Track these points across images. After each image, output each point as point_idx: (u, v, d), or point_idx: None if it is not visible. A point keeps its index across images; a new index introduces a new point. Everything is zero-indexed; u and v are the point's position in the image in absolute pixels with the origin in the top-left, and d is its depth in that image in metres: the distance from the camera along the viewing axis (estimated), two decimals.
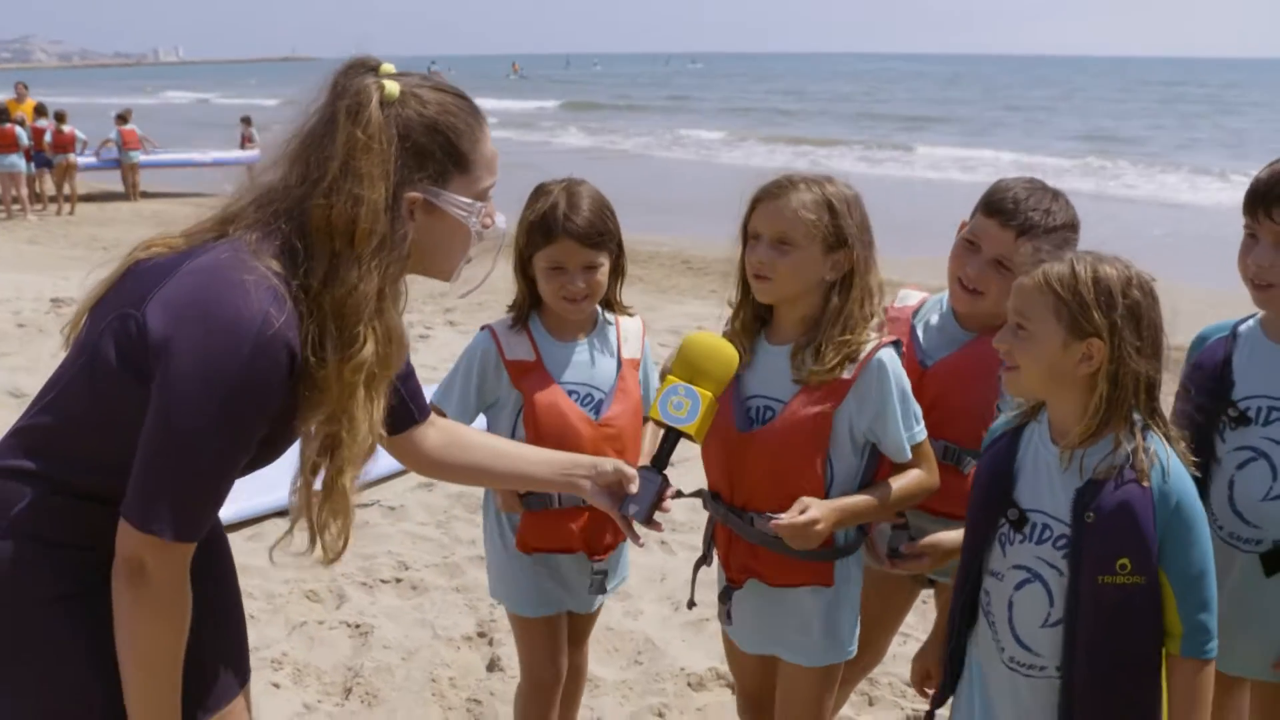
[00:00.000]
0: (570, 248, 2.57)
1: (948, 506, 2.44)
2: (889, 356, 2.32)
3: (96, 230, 15.40)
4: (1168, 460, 1.96)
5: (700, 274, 11.70)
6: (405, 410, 2.05)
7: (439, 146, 1.73)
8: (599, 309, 2.76)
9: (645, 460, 2.71)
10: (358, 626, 3.98)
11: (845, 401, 2.29)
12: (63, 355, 1.74)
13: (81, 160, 17.64)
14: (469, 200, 1.78)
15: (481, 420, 2.76)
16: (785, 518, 2.23)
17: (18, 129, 16.21)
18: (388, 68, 1.76)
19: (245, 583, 4.22)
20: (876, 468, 2.39)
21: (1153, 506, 1.93)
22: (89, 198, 18.23)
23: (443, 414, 2.71)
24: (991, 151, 25.12)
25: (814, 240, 2.26)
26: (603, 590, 2.78)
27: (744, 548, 2.40)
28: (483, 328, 2.75)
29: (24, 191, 16.63)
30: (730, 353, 2.21)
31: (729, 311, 2.48)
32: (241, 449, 1.63)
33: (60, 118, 17.26)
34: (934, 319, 2.65)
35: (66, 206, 17.14)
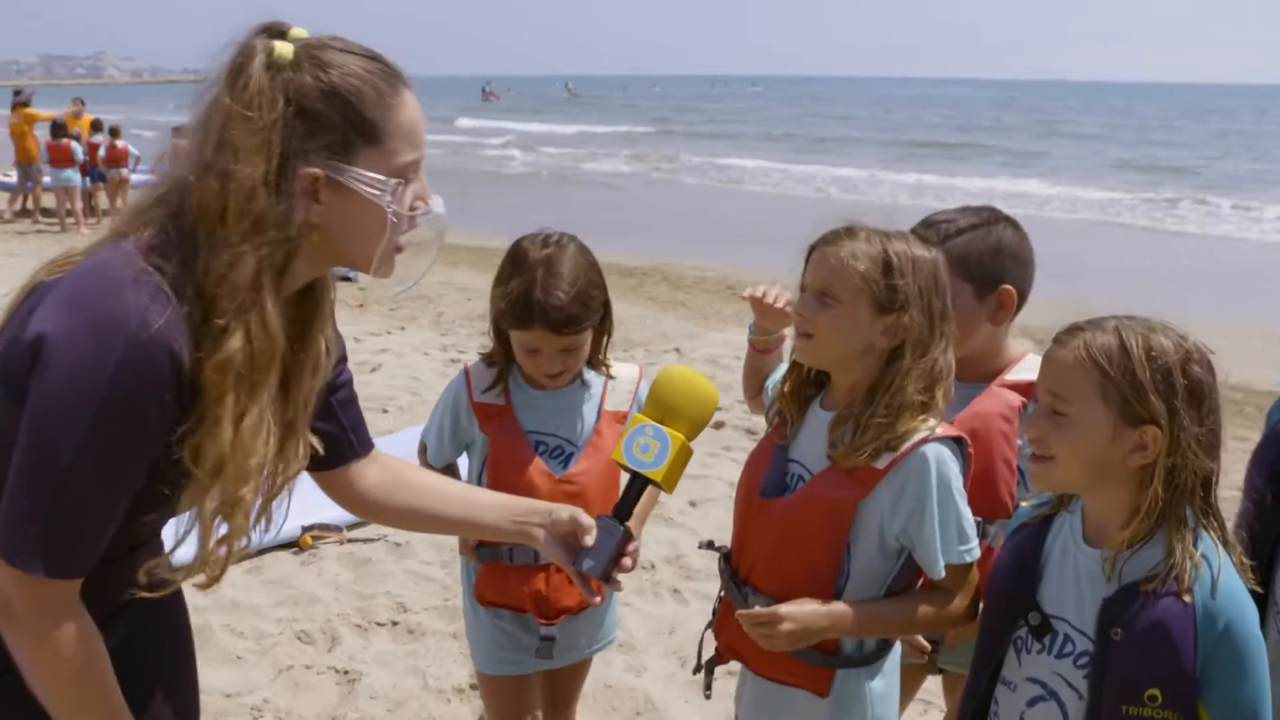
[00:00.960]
0: (545, 336, 2.37)
1: None
2: (937, 453, 1.95)
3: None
4: (1218, 570, 1.64)
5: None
6: (343, 441, 1.85)
7: (339, 113, 1.48)
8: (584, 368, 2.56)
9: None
10: (346, 673, 3.80)
11: (876, 493, 1.95)
12: None
13: (135, 176, 17.83)
14: (380, 176, 1.52)
15: (464, 461, 2.63)
16: (749, 615, 1.97)
17: (73, 144, 16.42)
18: (298, 32, 1.53)
19: (237, 620, 4.14)
20: (913, 577, 2.06)
21: (1194, 627, 1.61)
22: None
23: (425, 448, 2.61)
24: (1036, 181, 24.38)
25: (860, 296, 1.95)
26: (549, 657, 2.56)
27: (735, 626, 2.09)
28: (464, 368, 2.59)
29: (79, 205, 16.81)
30: (708, 392, 1.95)
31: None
32: (121, 469, 1.41)
33: (115, 133, 17.42)
34: None
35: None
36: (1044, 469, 1.75)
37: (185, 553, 1.55)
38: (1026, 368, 2.32)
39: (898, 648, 2.17)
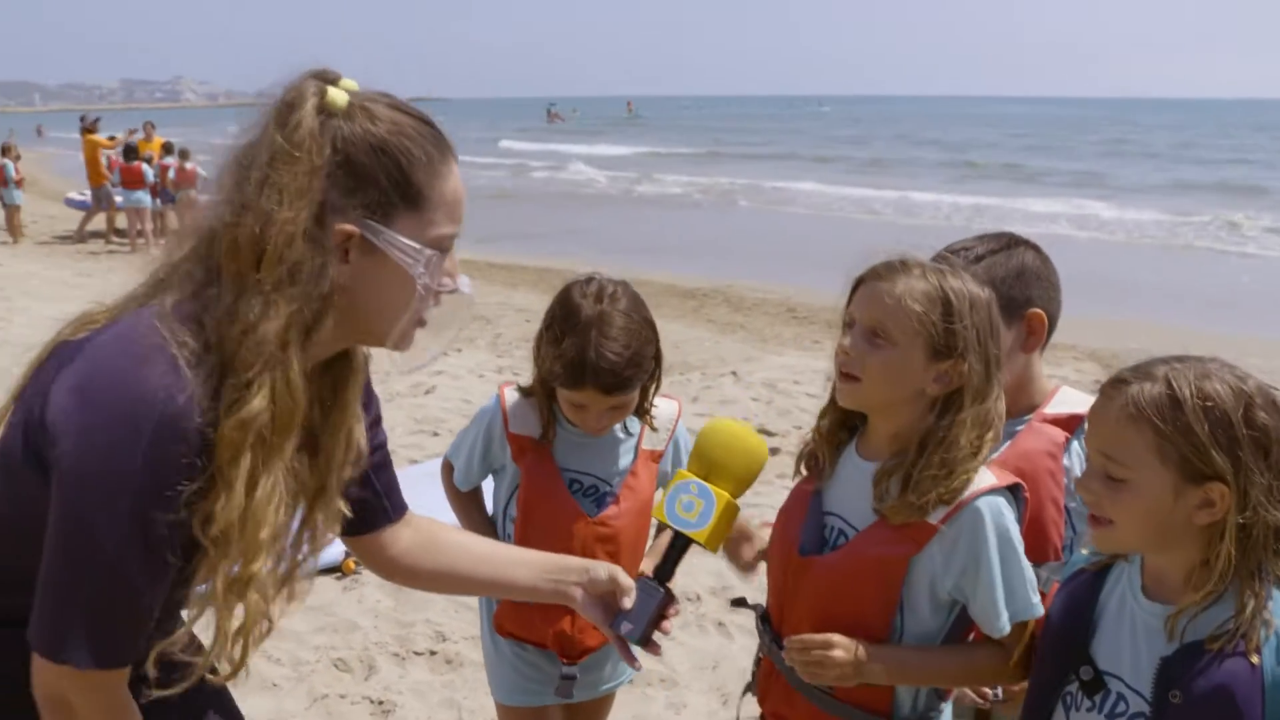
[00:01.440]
0: (595, 396, 2.28)
1: None
2: (992, 506, 1.81)
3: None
4: None
5: (805, 323, 11.29)
6: (377, 507, 1.77)
7: (384, 172, 1.40)
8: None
9: (648, 567, 2.42)
10: (380, 703, 3.73)
11: (928, 550, 1.82)
12: None
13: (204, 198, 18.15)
14: (417, 245, 1.43)
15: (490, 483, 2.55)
16: (800, 640, 1.83)
17: (144, 166, 16.78)
18: (348, 83, 1.46)
19: (275, 646, 4.09)
20: (965, 631, 1.92)
21: (1262, 692, 1.47)
22: None
23: (451, 468, 2.55)
24: (1102, 204, 23.41)
25: (916, 339, 1.80)
26: (569, 696, 2.47)
27: (781, 687, 1.98)
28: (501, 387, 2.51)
29: (149, 226, 17.17)
30: (758, 448, 1.84)
31: (827, 363, 2.00)
32: (162, 551, 1.33)
33: (184, 155, 17.78)
34: None
35: None
36: (1103, 534, 1.61)
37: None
38: (1064, 401, 2.19)
39: (949, 711, 2.03)
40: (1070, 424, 2.13)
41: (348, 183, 1.39)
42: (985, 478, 1.83)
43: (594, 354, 2.24)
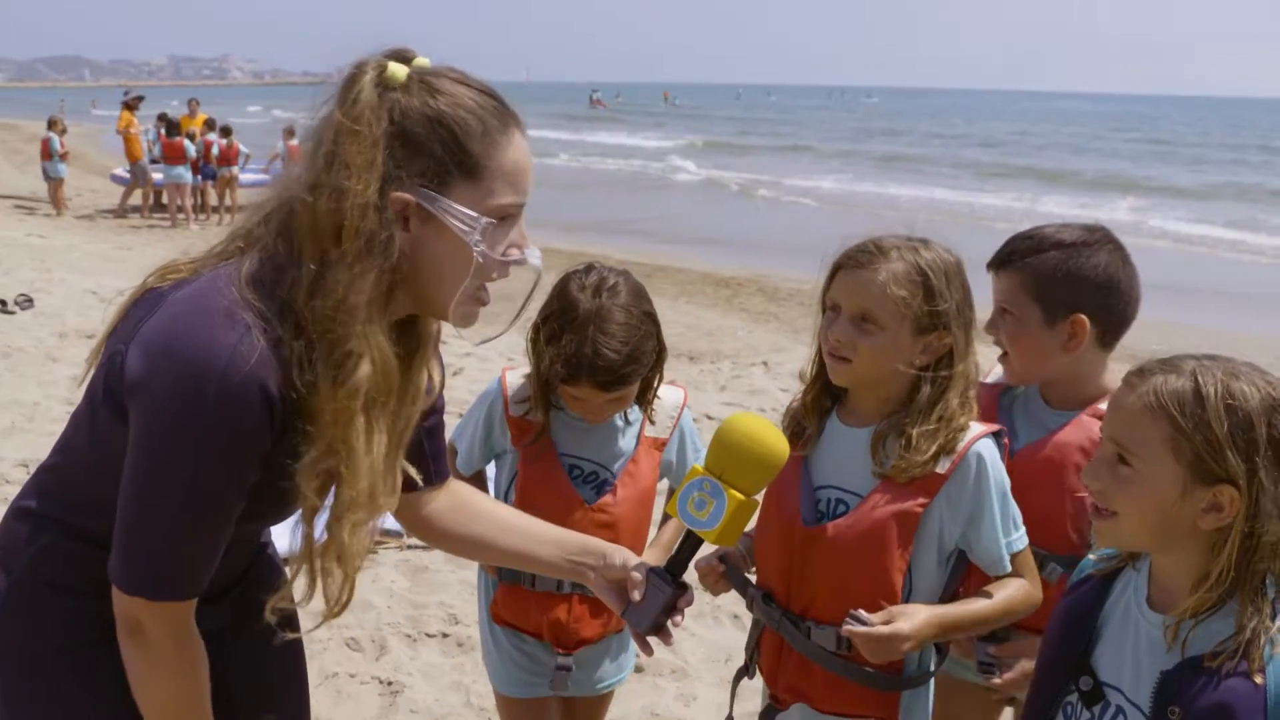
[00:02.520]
0: (593, 391, 2.24)
1: (1033, 619, 2.03)
2: (988, 450, 1.94)
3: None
4: None
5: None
6: (424, 468, 1.80)
7: (439, 142, 1.44)
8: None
9: (655, 552, 2.38)
10: (390, 684, 3.71)
11: (936, 500, 1.91)
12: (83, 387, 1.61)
13: (246, 176, 18.29)
14: (472, 213, 1.46)
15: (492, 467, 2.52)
16: (866, 626, 1.83)
17: (186, 142, 16.93)
18: (422, 61, 1.50)
19: None
20: (961, 580, 2.02)
21: (1264, 713, 1.41)
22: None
23: (454, 451, 2.51)
24: (1125, 211, 22.43)
25: (903, 321, 1.90)
26: (564, 688, 2.42)
27: (795, 663, 2.00)
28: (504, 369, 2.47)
29: (189, 202, 17.34)
30: (778, 446, 1.76)
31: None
32: (223, 499, 1.45)
33: (226, 132, 17.93)
34: (1019, 396, 2.29)
35: (227, 217, 17.77)
36: (1106, 525, 1.57)
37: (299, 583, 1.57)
38: None
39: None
40: None
41: (402, 152, 1.43)
42: (974, 426, 1.96)
43: (591, 351, 2.19)
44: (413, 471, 1.72)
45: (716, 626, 4.24)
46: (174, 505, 1.42)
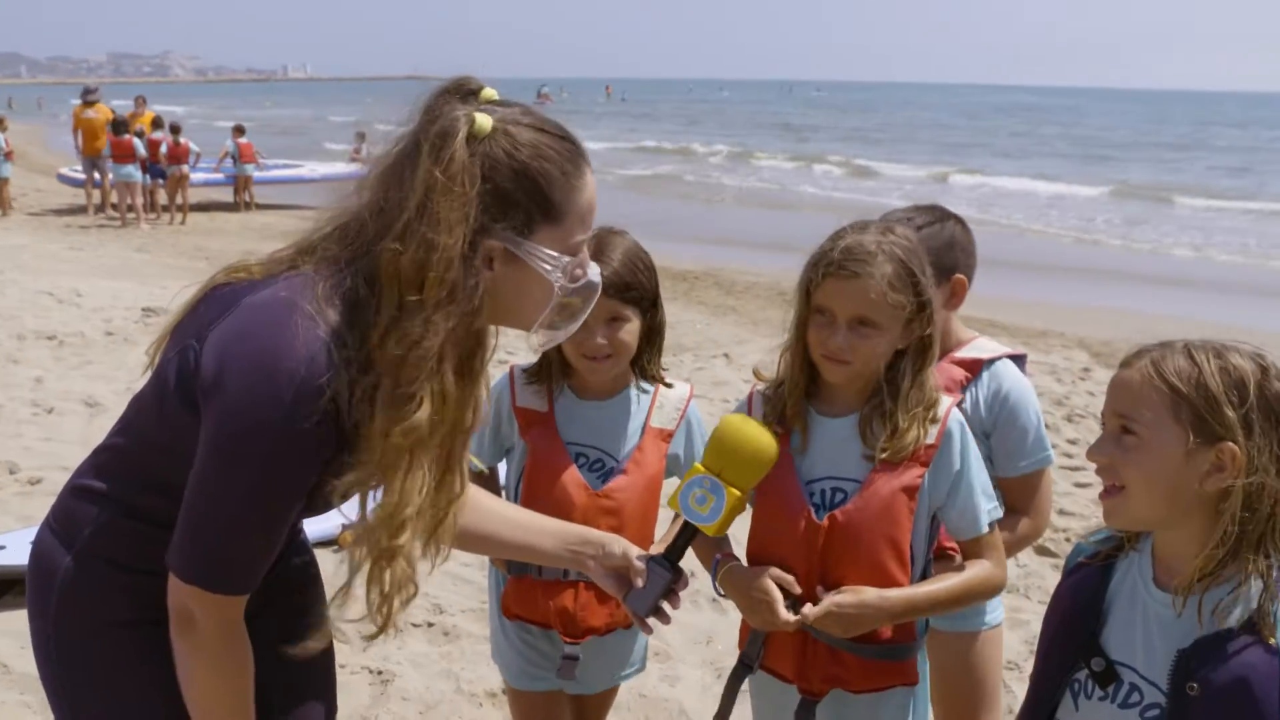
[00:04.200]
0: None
1: None
2: (960, 418, 2.11)
3: (204, 240, 15.72)
4: None
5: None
6: None
7: (526, 194, 1.56)
8: (633, 375, 2.48)
9: (661, 547, 2.46)
10: (380, 673, 3.78)
11: (928, 468, 2.05)
12: (148, 373, 1.68)
13: (197, 174, 18.08)
14: (555, 254, 1.60)
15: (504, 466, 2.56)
16: (825, 603, 1.97)
17: (135, 140, 16.71)
18: (489, 93, 1.61)
19: None
20: (934, 546, 2.15)
21: None
22: (201, 208, 18.67)
23: None
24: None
25: (896, 320, 2.02)
26: (570, 678, 2.45)
27: (825, 654, 2.07)
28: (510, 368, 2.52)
29: (139, 201, 17.12)
30: (769, 447, 1.95)
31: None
32: (287, 500, 1.56)
33: (175, 130, 17.72)
34: None
35: (179, 216, 17.58)
36: (1115, 503, 1.64)
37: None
38: (977, 347, 2.52)
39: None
40: (974, 367, 2.47)
41: (495, 207, 1.54)
42: (943, 396, 2.11)
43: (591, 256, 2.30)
44: (483, 465, 1.84)
45: (695, 610, 4.34)
46: (239, 502, 1.50)
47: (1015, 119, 65.30)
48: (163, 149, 17.32)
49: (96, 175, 17.76)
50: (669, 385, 2.52)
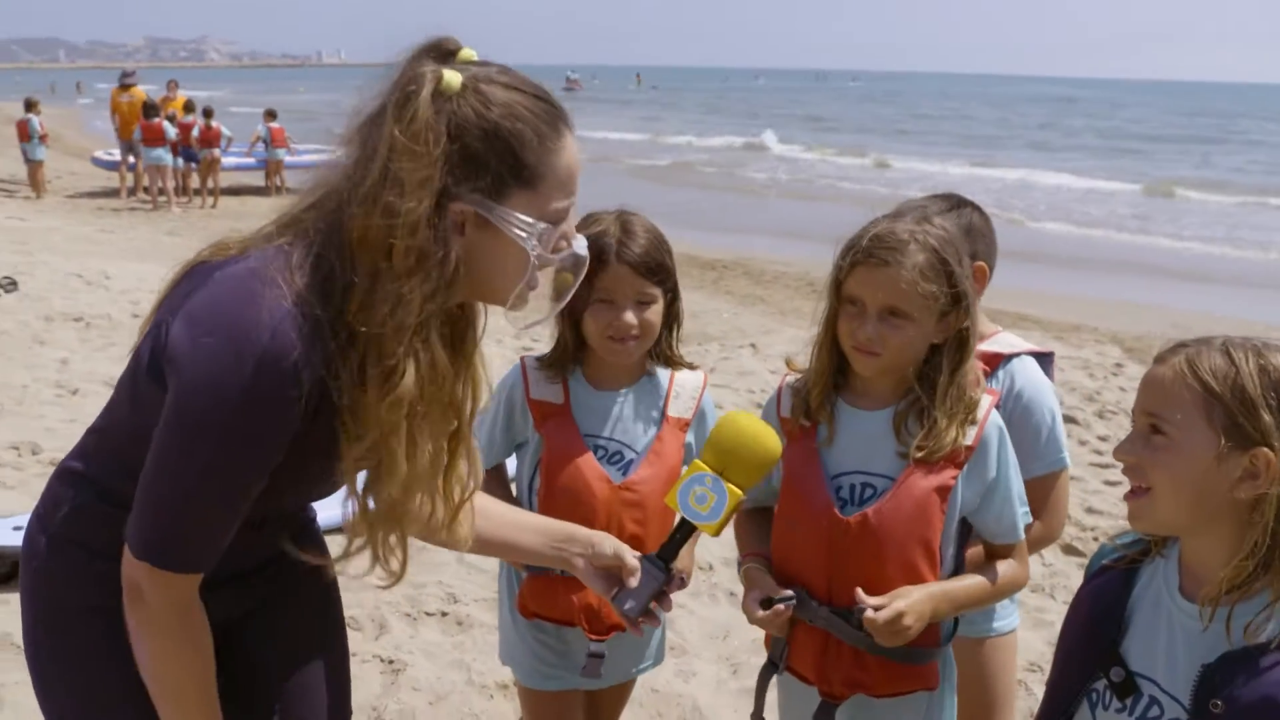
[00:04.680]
0: (623, 275, 2.25)
1: None
2: (1000, 421, 2.03)
3: (234, 224, 15.62)
4: None
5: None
6: None
7: (496, 155, 1.47)
8: (650, 362, 2.42)
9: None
10: (391, 662, 3.74)
11: (962, 470, 1.98)
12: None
13: (228, 159, 18.15)
14: (529, 220, 1.51)
15: (513, 461, 2.49)
16: (875, 605, 1.90)
17: (165, 124, 16.78)
18: (467, 53, 1.52)
19: None
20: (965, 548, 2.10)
21: None
22: (233, 192, 18.74)
23: None
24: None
25: (930, 311, 1.94)
26: (596, 675, 2.39)
27: (848, 656, 2.00)
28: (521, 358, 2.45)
29: (170, 184, 17.21)
30: (773, 445, 1.87)
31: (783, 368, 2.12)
32: (245, 477, 1.49)
33: (208, 114, 17.78)
34: None
35: (210, 200, 17.65)
36: (1141, 504, 1.56)
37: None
38: (998, 341, 2.43)
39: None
40: (993, 361, 2.37)
41: (463, 168, 1.46)
42: (984, 396, 2.03)
43: (619, 233, 2.27)
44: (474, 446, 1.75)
45: (713, 605, 4.28)
46: (194, 477, 1.45)
47: (1051, 111, 64.56)
48: (194, 133, 17.40)
49: (131, 158, 17.85)
50: (693, 367, 2.48)
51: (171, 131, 16.87)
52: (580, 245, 1.63)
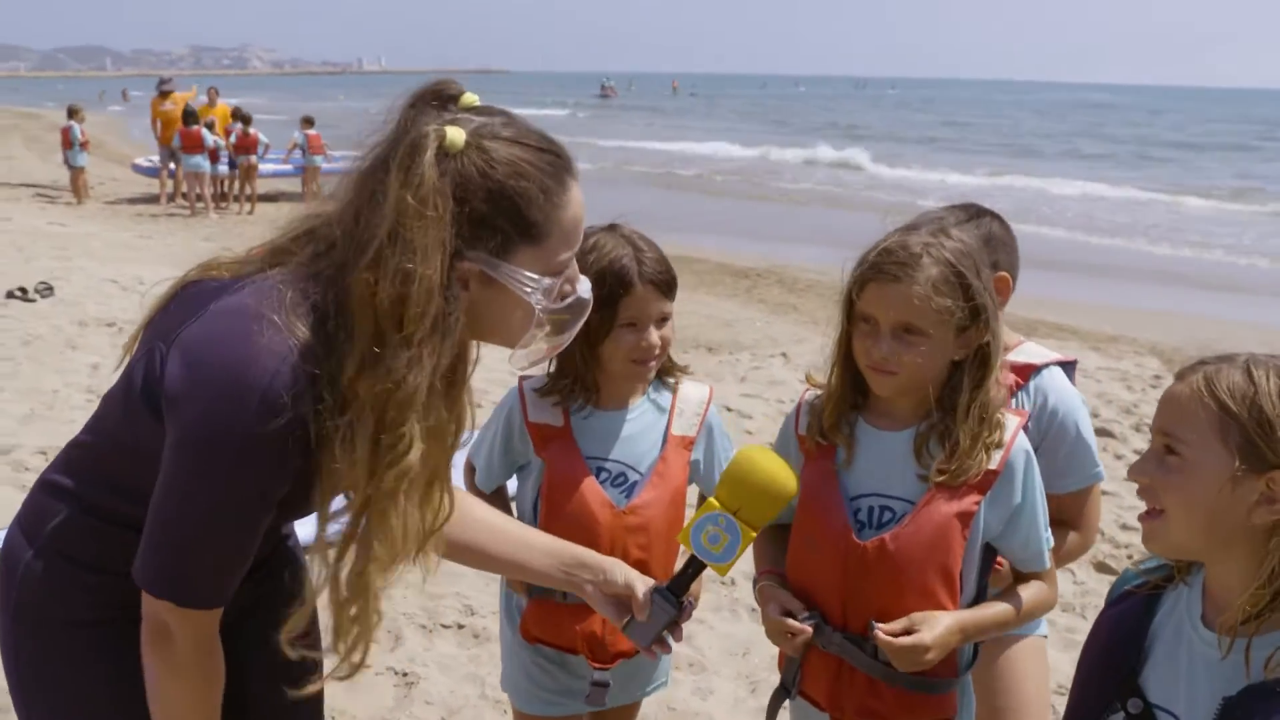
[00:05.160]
0: (648, 296, 2.19)
1: None
2: (1028, 445, 1.95)
3: (270, 230, 15.85)
4: None
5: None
6: None
7: (503, 215, 1.46)
8: (648, 379, 2.35)
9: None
10: (405, 675, 3.69)
11: (987, 495, 1.89)
12: (118, 371, 1.64)
13: (265, 165, 18.28)
14: (535, 276, 1.51)
15: (514, 483, 2.42)
16: (891, 629, 1.84)
17: (204, 131, 16.93)
18: (469, 99, 1.51)
19: None
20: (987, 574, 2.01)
21: None
22: (270, 199, 18.88)
23: (473, 469, 2.43)
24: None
25: (946, 326, 1.85)
26: (600, 704, 2.33)
27: (862, 684, 1.92)
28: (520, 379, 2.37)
29: (208, 191, 17.35)
30: (789, 485, 1.81)
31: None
32: (254, 513, 1.49)
33: (245, 120, 17.92)
34: None
35: (247, 206, 17.79)
36: (1154, 527, 1.50)
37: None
38: (1024, 352, 2.36)
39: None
40: (1024, 372, 2.30)
41: (470, 230, 1.45)
42: (1010, 417, 1.94)
43: (633, 252, 2.20)
44: (460, 490, 1.76)
45: (734, 620, 4.20)
46: (204, 518, 1.45)
47: (1087, 117, 63.85)
48: (231, 139, 17.54)
49: (171, 165, 18.03)
50: (685, 371, 2.41)
51: (210, 139, 17.02)
52: (584, 288, 1.63)
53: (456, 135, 1.43)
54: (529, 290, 1.50)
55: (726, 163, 29.67)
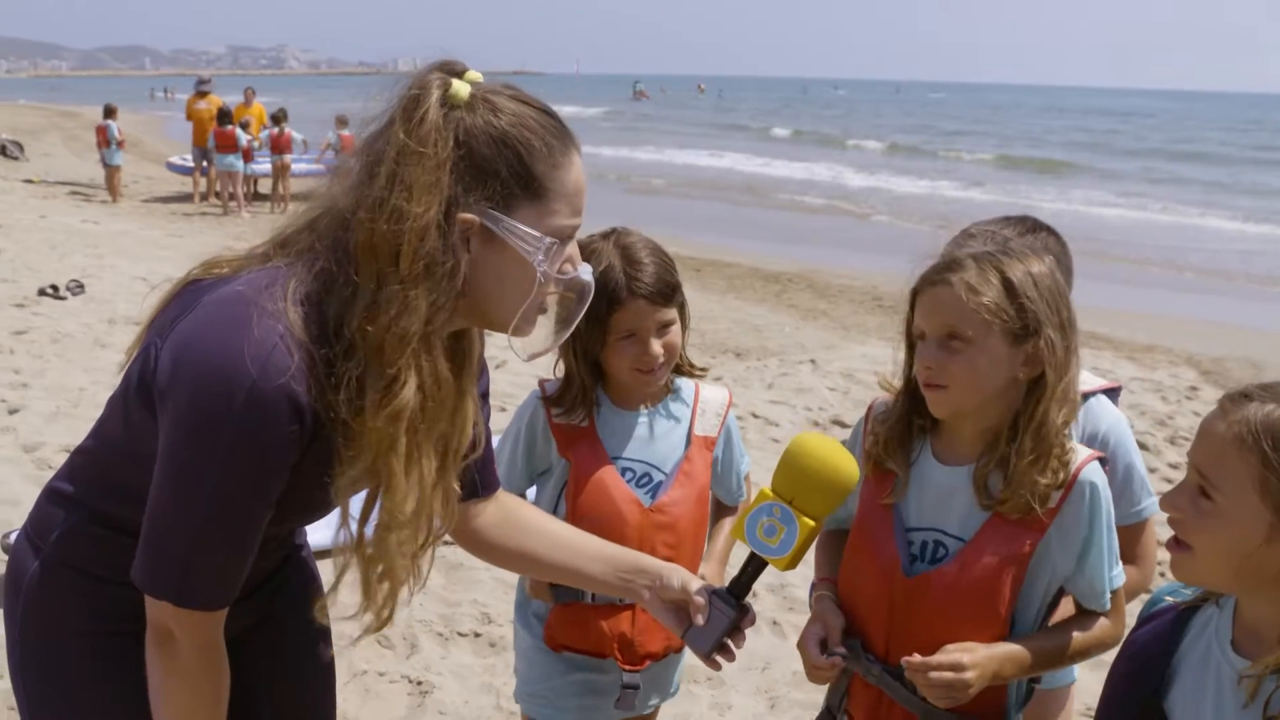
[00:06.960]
0: (641, 309, 2.14)
1: None
2: (1099, 476, 1.80)
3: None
4: None
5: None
6: (469, 479, 1.78)
7: (505, 164, 1.44)
8: (670, 376, 2.31)
9: (710, 573, 2.29)
10: (419, 684, 3.65)
11: (1048, 535, 1.78)
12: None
13: (299, 165, 18.38)
14: (536, 233, 1.47)
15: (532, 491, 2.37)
16: (922, 662, 1.73)
17: (238, 130, 17.04)
18: (473, 75, 1.50)
19: None
20: (1049, 615, 1.89)
21: None
22: (303, 198, 18.97)
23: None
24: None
25: (991, 330, 1.74)
26: (630, 708, 2.29)
27: (901, 716, 1.85)
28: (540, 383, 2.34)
29: (240, 189, 17.46)
30: (850, 469, 1.71)
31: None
32: (249, 509, 1.44)
33: (278, 119, 18.02)
34: None
35: (280, 205, 17.89)
36: (1181, 560, 1.43)
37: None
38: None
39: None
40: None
41: (470, 176, 1.43)
42: (1080, 449, 1.81)
43: (626, 264, 2.14)
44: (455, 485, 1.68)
45: (753, 633, 4.09)
46: (199, 514, 1.40)
47: (1128, 123, 63.15)
48: (263, 135, 17.63)
49: (205, 164, 18.15)
50: (702, 372, 2.37)
51: (244, 138, 17.12)
52: (586, 272, 1.59)
53: (461, 87, 1.44)
54: (529, 248, 1.47)
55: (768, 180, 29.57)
